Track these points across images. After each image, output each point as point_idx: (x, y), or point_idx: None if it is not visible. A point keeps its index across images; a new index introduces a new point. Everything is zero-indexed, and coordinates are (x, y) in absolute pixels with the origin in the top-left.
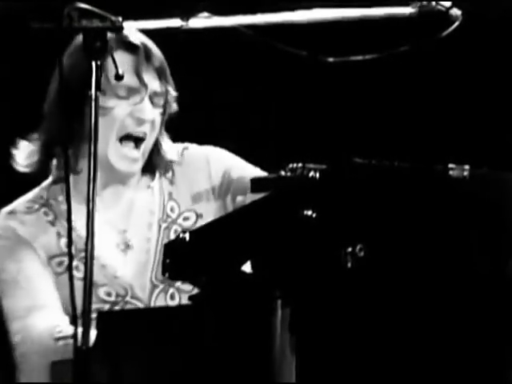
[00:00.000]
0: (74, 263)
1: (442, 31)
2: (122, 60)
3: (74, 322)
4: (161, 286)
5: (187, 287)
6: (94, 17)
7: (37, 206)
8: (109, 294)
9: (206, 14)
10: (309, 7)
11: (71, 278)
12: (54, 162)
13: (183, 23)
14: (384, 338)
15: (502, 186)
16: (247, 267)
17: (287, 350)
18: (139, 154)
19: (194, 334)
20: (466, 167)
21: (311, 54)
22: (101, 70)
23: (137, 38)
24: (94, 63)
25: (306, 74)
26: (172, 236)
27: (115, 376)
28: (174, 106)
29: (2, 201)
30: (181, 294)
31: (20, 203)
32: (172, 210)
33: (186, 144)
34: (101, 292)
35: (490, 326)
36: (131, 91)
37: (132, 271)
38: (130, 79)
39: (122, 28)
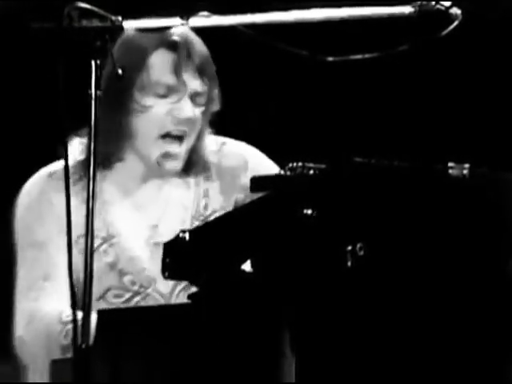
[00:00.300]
0: (103, 247)
1: (441, 30)
2: (163, 58)
3: (73, 307)
4: (183, 284)
5: None
6: (94, 16)
7: (76, 177)
8: (133, 283)
9: (205, 13)
10: (308, 6)
11: (70, 272)
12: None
13: (183, 22)
14: (384, 338)
15: (502, 185)
16: (247, 266)
17: (287, 349)
18: (181, 150)
19: (193, 333)
20: (466, 166)
21: (311, 53)
22: (101, 69)
23: (179, 35)
24: (93, 62)
25: (306, 74)
26: None
27: (115, 375)
28: (217, 104)
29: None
30: None
31: (61, 169)
32: (205, 207)
33: (224, 139)
34: (126, 279)
35: (490, 326)
36: (170, 90)
37: (159, 266)
38: (169, 78)
39: (121, 28)
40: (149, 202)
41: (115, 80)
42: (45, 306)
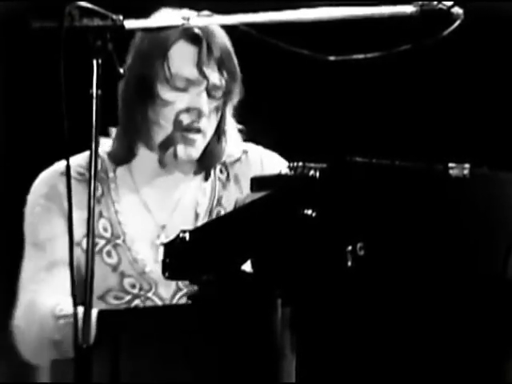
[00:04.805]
0: (107, 248)
1: (443, 30)
2: (184, 51)
3: (74, 305)
4: (184, 290)
5: None
6: (95, 15)
7: (88, 176)
8: (133, 286)
9: (207, 12)
10: (310, 6)
11: (72, 269)
12: (113, 130)
13: (184, 21)
14: (385, 338)
15: (502, 185)
16: (247, 266)
17: (287, 349)
18: (198, 138)
19: (194, 333)
20: (466, 166)
21: (312, 52)
22: (101, 68)
23: (200, 27)
24: (94, 62)
25: (307, 73)
26: None
27: (115, 375)
28: (236, 97)
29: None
30: None
31: (74, 166)
32: (218, 215)
33: (247, 146)
34: (126, 282)
35: (489, 326)
36: (190, 83)
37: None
38: (189, 71)
39: (123, 27)
40: (159, 201)
41: (139, 72)
42: (42, 297)
